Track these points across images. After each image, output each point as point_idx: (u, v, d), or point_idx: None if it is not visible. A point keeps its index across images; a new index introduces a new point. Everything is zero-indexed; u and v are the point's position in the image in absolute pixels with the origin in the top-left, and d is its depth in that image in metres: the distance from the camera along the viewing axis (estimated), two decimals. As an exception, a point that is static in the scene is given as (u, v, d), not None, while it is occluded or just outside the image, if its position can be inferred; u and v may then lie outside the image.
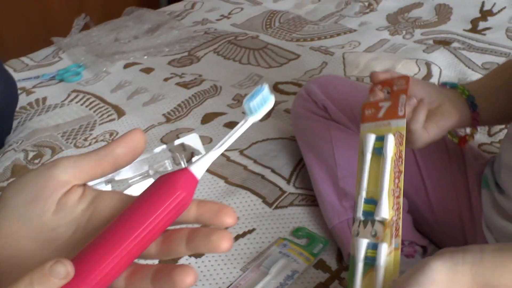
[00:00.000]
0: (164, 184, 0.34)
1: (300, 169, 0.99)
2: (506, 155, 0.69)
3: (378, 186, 0.58)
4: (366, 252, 0.56)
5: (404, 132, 0.61)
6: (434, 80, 1.29)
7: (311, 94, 0.95)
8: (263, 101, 0.37)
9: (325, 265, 0.80)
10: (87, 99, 1.27)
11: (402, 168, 0.59)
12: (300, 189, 0.95)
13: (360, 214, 0.58)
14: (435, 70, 1.32)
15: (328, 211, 0.85)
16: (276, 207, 0.90)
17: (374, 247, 0.56)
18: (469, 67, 1.32)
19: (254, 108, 0.37)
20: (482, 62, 1.34)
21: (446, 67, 1.34)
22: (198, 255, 0.80)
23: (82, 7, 2.42)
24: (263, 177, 0.97)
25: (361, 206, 0.58)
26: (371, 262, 0.56)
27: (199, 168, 0.36)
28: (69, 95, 1.30)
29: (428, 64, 1.33)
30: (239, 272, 0.78)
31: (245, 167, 0.99)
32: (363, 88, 0.99)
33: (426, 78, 1.29)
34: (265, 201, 0.91)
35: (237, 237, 0.84)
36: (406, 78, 0.65)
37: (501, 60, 1.34)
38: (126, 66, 1.44)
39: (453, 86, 0.74)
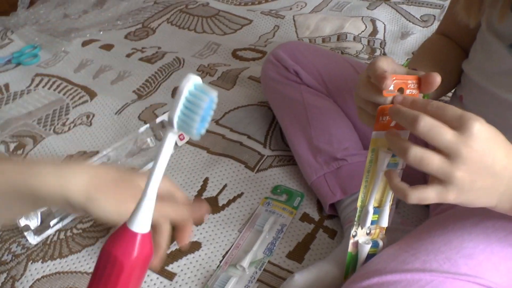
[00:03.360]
0: (111, 266, 0.37)
1: (272, 132, 1.09)
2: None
3: (383, 197, 0.64)
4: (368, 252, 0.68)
5: None
6: (380, 35, 1.40)
7: (280, 60, 1.03)
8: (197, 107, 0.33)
9: (309, 217, 0.91)
10: (53, 82, 1.29)
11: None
12: (276, 151, 1.04)
13: (368, 225, 0.66)
14: (380, 26, 1.43)
15: (305, 168, 0.95)
16: (258, 171, 1.00)
17: (374, 245, 0.68)
18: (409, 21, 1.44)
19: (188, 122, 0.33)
20: (420, 15, 1.46)
21: (389, 22, 1.45)
22: (198, 223, 0.89)
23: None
24: (241, 144, 1.05)
25: (370, 218, 0.65)
26: (371, 257, 0.68)
27: (142, 221, 0.37)
28: (33, 79, 1.32)
29: (373, 21, 1.44)
30: (237, 233, 0.88)
31: (223, 136, 1.08)
32: (326, 52, 1.08)
33: (372, 34, 1.40)
34: (247, 166, 1.01)
35: (229, 202, 0.93)
36: (417, 79, 0.59)
37: (437, 12, 1.46)
38: (84, 44, 1.46)
39: None
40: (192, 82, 0.33)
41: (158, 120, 1.04)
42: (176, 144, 1.06)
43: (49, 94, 1.26)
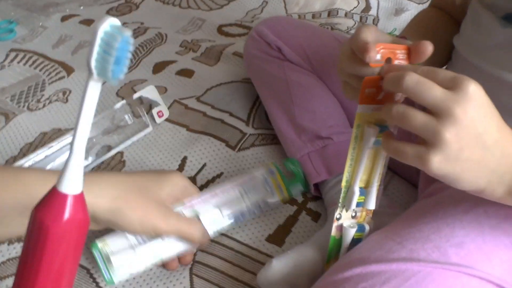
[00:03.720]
0: (37, 232, 0.33)
1: (256, 110, 1.04)
2: None
3: (370, 177, 0.59)
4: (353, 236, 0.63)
5: None
6: (373, 12, 1.34)
7: (263, 36, 0.98)
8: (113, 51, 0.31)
9: (291, 199, 0.86)
10: (29, 58, 1.23)
11: None
12: (259, 129, 0.99)
13: (354, 207, 0.60)
14: (373, 2, 1.37)
15: (289, 147, 0.90)
16: (239, 149, 0.95)
17: (360, 230, 0.63)
18: (404, -3, 1.39)
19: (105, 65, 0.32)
20: (416, -9, 1.40)
21: (382, -2, 1.39)
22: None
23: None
24: (222, 121, 1.00)
25: (356, 200, 0.60)
26: (356, 243, 0.63)
27: (70, 181, 0.33)
28: (7, 55, 1.26)
29: (365, -4, 1.38)
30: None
31: (204, 114, 1.02)
32: (311, 26, 1.02)
33: (365, 11, 1.34)
34: (228, 144, 0.96)
35: (207, 183, 0.88)
36: (406, 49, 0.55)
37: (432, -13, 1.40)
38: (64, 19, 1.40)
39: None
40: (107, 23, 0.31)
41: (135, 96, 0.99)
42: (154, 121, 1.01)
43: (25, 70, 1.20)
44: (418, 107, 0.48)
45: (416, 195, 0.83)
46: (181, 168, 0.91)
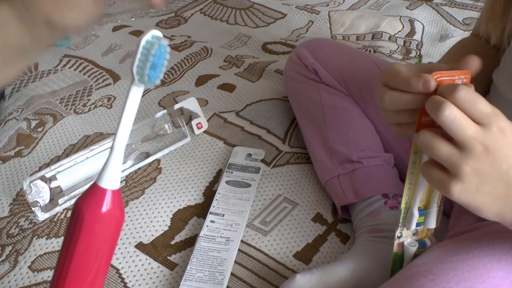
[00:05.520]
0: (75, 220, 0.36)
1: (293, 129, 1.05)
2: None
3: (430, 198, 0.60)
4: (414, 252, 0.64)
5: None
6: (417, 37, 1.34)
7: (302, 58, 0.99)
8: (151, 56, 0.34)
9: (322, 218, 0.87)
10: (80, 64, 1.29)
11: None
12: (295, 148, 1.00)
13: (414, 227, 0.62)
14: (418, 27, 1.37)
15: (320, 169, 0.91)
16: (274, 166, 0.96)
17: (421, 246, 0.63)
18: (450, 23, 1.38)
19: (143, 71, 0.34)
20: (463, 17, 1.39)
21: (428, 23, 1.38)
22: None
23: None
24: (259, 137, 1.02)
25: (415, 221, 0.61)
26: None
27: (108, 177, 0.36)
28: (61, 60, 1.32)
29: (411, 21, 1.38)
30: (245, 228, 0.84)
31: (242, 128, 1.04)
32: (350, 50, 1.03)
33: (409, 35, 1.34)
34: (263, 160, 0.97)
35: (240, 196, 0.90)
36: (468, 73, 0.53)
37: (480, 15, 1.39)
38: (115, 29, 1.45)
39: None
40: (150, 34, 0.34)
41: (176, 106, 1.01)
42: (193, 132, 1.03)
43: (75, 75, 1.25)
44: None
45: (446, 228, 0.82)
46: (215, 180, 0.93)
